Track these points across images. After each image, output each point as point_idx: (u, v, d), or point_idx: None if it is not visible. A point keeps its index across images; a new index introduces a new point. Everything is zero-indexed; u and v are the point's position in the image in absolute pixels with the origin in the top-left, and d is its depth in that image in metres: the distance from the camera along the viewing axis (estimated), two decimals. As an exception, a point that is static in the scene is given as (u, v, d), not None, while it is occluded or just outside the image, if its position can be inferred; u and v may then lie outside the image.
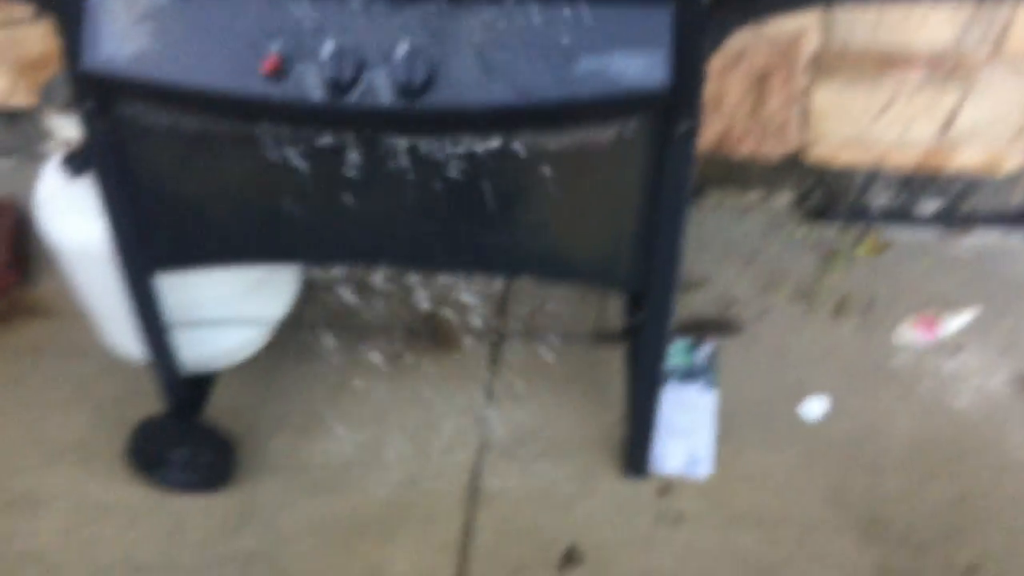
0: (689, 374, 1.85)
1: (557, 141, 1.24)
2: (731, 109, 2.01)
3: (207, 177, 1.33)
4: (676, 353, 1.88)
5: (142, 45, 1.17)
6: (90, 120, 1.27)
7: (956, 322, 1.94)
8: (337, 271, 1.92)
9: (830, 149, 2.08)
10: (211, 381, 1.74)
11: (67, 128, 1.44)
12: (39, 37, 2.05)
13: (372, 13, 1.13)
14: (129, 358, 1.71)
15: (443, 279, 1.92)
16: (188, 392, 1.66)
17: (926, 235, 2.14)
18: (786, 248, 2.12)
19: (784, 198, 2.21)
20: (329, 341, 1.90)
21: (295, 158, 1.27)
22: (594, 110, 1.18)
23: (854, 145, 2.07)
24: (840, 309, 1.98)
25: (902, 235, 2.13)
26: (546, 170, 1.26)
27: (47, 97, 1.49)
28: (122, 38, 1.17)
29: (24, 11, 1.22)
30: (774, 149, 2.08)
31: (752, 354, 1.89)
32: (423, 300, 1.95)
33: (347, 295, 1.92)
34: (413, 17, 1.13)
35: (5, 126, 2.28)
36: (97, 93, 1.24)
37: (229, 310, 1.62)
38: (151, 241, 1.40)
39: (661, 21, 1.12)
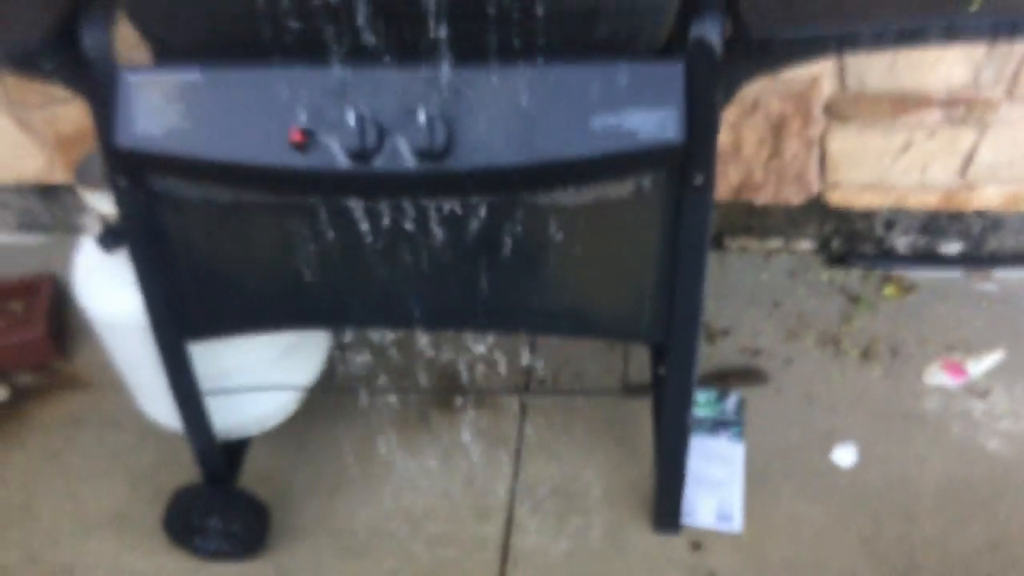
0: (717, 425, 1.85)
1: (576, 197, 1.26)
2: (749, 157, 2.04)
3: (237, 246, 1.37)
4: (703, 404, 1.88)
5: (173, 122, 1.21)
6: (123, 196, 1.32)
7: (984, 364, 1.93)
8: (365, 333, 1.95)
9: (850, 193, 2.10)
10: (244, 447, 1.76)
11: (102, 204, 1.49)
12: (76, 115, 2.12)
13: (392, 81, 1.17)
14: (165, 427, 1.74)
15: (468, 337, 1.94)
16: (222, 459, 1.68)
17: (951, 276, 2.14)
18: (810, 293, 2.12)
19: (806, 243, 2.22)
20: (359, 403, 1.93)
21: (322, 225, 1.30)
22: (611, 166, 1.21)
23: (874, 188, 2.08)
24: (867, 354, 1.98)
25: (926, 276, 2.14)
26: (566, 226, 1.29)
27: (82, 174, 1.54)
28: (153, 115, 1.21)
29: (62, 90, 1.27)
30: (794, 195, 2.10)
31: (780, 403, 1.89)
32: (450, 358, 1.97)
33: (375, 356, 1.94)
34: (431, 82, 1.16)
35: (43, 202, 2.34)
36: (130, 169, 1.28)
37: (261, 376, 1.65)
38: (184, 311, 1.43)
39: (673, 75, 1.15)
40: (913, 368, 1.94)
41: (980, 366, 1.93)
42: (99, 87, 1.22)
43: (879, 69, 1.89)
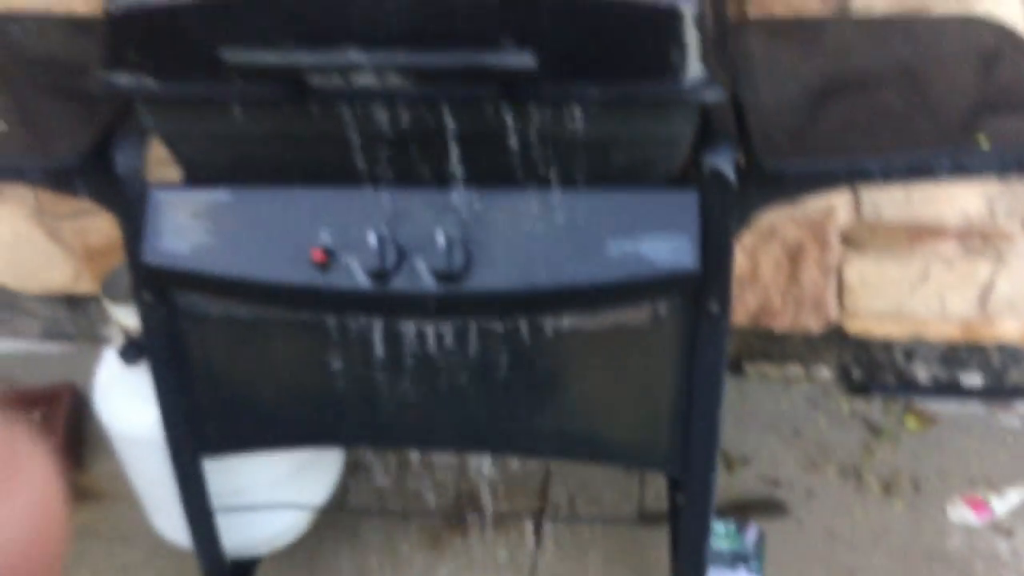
0: (735, 559, 1.81)
1: (591, 322, 1.27)
2: (766, 282, 2.05)
3: (257, 364, 1.38)
4: (722, 536, 1.84)
5: (199, 239, 1.24)
6: (147, 310, 1.34)
7: (1009, 501, 1.89)
8: (379, 452, 1.94)
9: (868, 321, 2.09)
10: (253, 567, 1.74)
11: (126, 317, 1.51)
12: (105, 227, 2.17)
13: (412, 203, 1.20)
14: (175, 544, 1.72)
15: (484, 459, 1.92)
16: (231, 577, 1.65)
17: (972, 408, 2.11)
18: (831, 423, 2.10)
19: (826, 371, 2.21)
20: (371, 523, 1.90)
21: (340, 343, 1.32)
22: (626, 293, 1.22)
23: (893, 317, 2.08)
24: (889, 487, 1.94)
25: (948, 408, 2.11)
26: (581, 351, 1.29)
27: (108, 287, 1.57)
28: (180, 233, 1.24)
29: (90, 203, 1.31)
30: (812, 322, 2.10)
31: (800, 537, 1.85)
32: (465, 481, 1.95)
33: (389, 477, 1.93)
34: (451, 206, 1.19)
35: (69, 311, 2.38)
36: (155, 285, 1.31)
37: (273, 495, 1.64)
38: (201, 427, 1.44)
39: (688, 204, 1.17)
40: (936, 503, 1.90)
41: (1005, 503, 1.88)
42: (130, 205, 1.25)
43: (895, 199, 1.91)
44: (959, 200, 1.90)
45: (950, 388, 2.16)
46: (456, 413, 1.38)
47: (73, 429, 2.08)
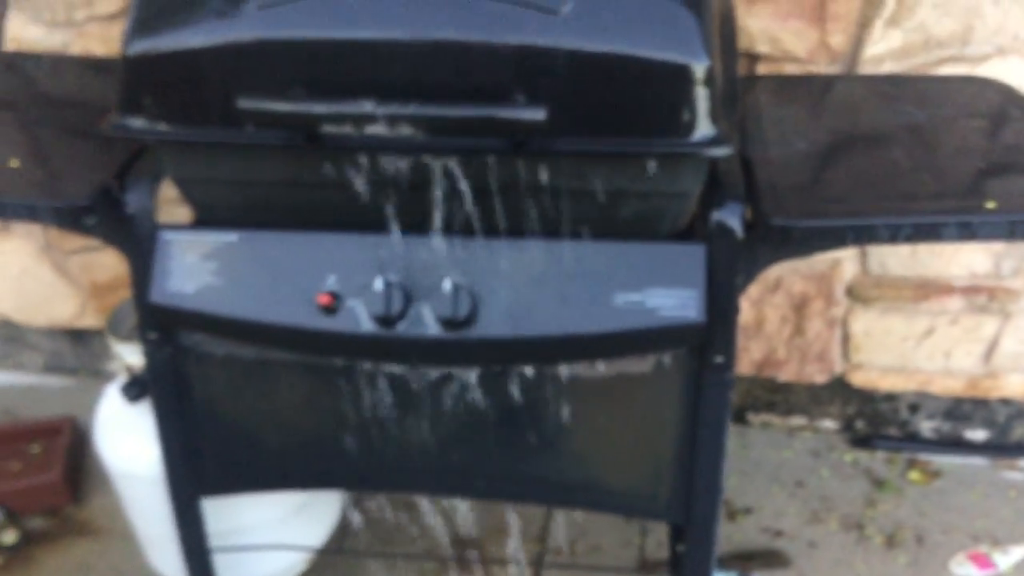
0: (736, 608, 1.79)
1: (595, 371, 1.27)
2: (771, 334, 2.05)
3: (259, 405, 1.38)
4: (722, 585, 1.83)
5: (206, 280, 1.24)
6: (152, 349, 1.34)
7: (1012, 557, 1.87)
8: (378, 496, 1.93)
9: (873, 375, 2.09)
10: (250, 606, 1.73)
11: (130, 354, 1.52)
12: (111, 263, 2.18)
13: (419, 250, 1.20)
14: (170, 581, 1.71)
15: (484, 503, 1.91)
16: (226, 618, 1.64)
17: (976, 463, 2.10)
18: (834, 474, 2.09)
19: (830, 422, 2.20)
20: (369, 565, 1.89)
21: (345, 388, 1.32)
22: (631, 343, 1.22)
23: (897, 371, 2.08)
24: (892, 540, 1.93)
25: (952, 463, 2.10)
26: (585, 399, 1.29)
27: (113, 325, 1.58)
28: (188, 274, 1.25)
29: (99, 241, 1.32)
30: (817, 374, 2.10)
31: (802, 588, 1.84)
32: (464, 526, 1.94)
33: (388, 520, 1.92)
34: (457, 253, 1.20)
35: (72, 345, 2.38)
36: (161, 324, 1.31)
37: (271, 535, 1.63)
38: (201, 466, 1.43)
39: (694, 257, 1.18)
40: (939, 558, 1.89)
41: (1008, 559, 1.87)
42: (139, 245, 1.26)
43: (901, 255, 1.92)
44: (965, 257, 1.90)
45: (954, 442, 2.15)
46: (458, 458, 1.38)
47: (72, 463, 2.08)
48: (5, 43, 1.68)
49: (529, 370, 1.27)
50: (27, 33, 1.88)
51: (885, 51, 1.72)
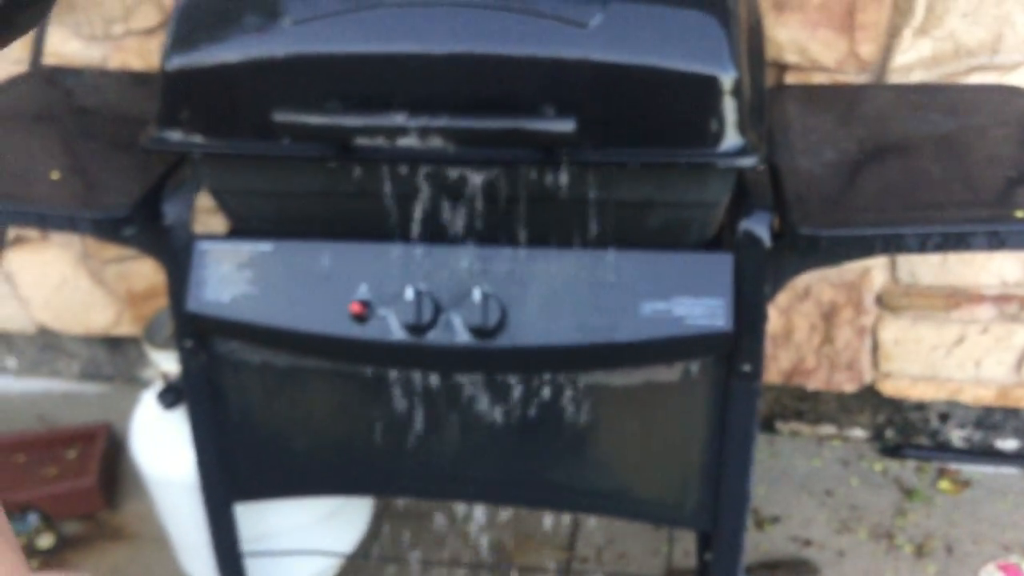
0: (765, 616, 1.79)
1: (624, 379, 1.28)
2: (800, 342, 2.05)
3: (293, 412, 1.40)
4: (751, 593, 1.83)
5: (241, 289, 1.27)
6: (188, 357, 1.37)
7: (1044, 568, 1.86)
8: (407, 501, 1.95)
9: (903, 383, 2.08)
10: (281, 610, 1.75)
11: (166, 362, 1.55)
12: (148, 272, 2.22)
13: (450, 259, 1.22)
14: (204, 586, 1.74)
15: (512, 510, 1.92)
16: (258, 622, 1.66)
17: (1007, 472, 2.09)
18: (864, 484, 2.08)
19: (859, 431, 2.19)
20: (397, 572, 1.90)
21: (375, 394, 1.34)
22: (659, 351, 1.23)
23: (927, 380, 2.07)
24: (921, 550, 1.92)
25: (983, 472, 2.09)
26: (613, 407, 1.30)
27: (149, 334, 1.61)
28: (223, 283, 1.28)
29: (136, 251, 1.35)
30: (846, 382, 2.09)
31: (831, 597, 1.84)
32: (492, 531, 1.96)
33: (416, 525, 1.93)
34: (488, 262, 1.22)
35: (108, 353, 2.42)
36: (197, 332, 1.34)
37: (302, 540, 1.65)
38: (235, 472, 1.46)
39: (722, 266, 1.19)
40: (969, 568, 1.87)
41: (1040, 571, 1.86)
42: (176, 255, 1.29)
43: (931, 263, 1.91)
44: (996, 266, 1.89)
45: (985, 452, 2.14)
46: (487, 465, 1.39)
47: (107, 469, 2.11)
48: (45, 57, 1.72)
49: (557, 378, 1.29)
50: (66, 48, 1.92)
51: (915, 60, 1.72)
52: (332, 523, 1.70)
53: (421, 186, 1.15)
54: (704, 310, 1.19)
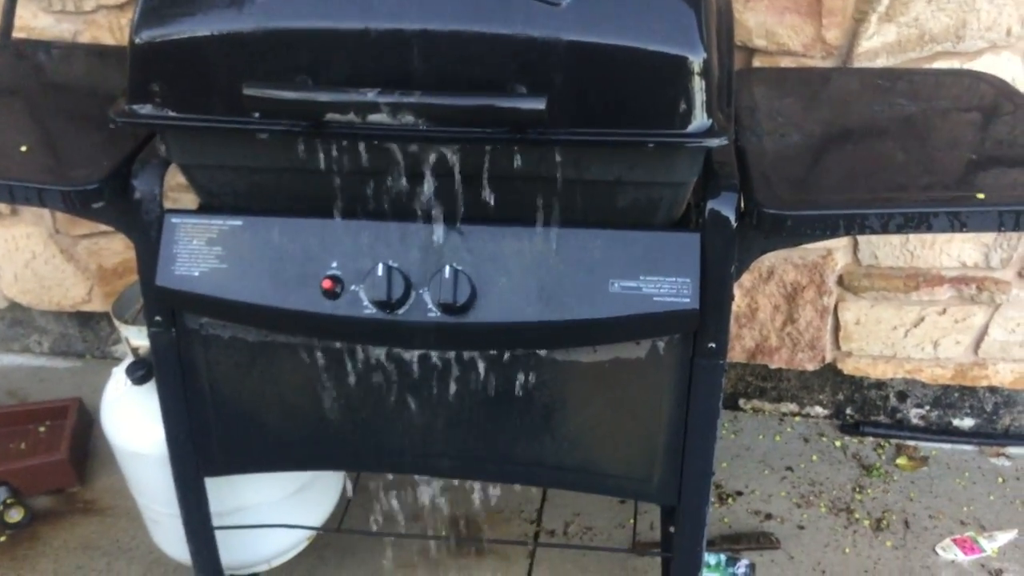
0: (727, 589, 1.83)
1: (591, 356, 1.30)
2: (764, 321, 2.08)
3: (262, 387, 1.41)
4: (713, 567, 1.87)
5: (211, 265, 1.27)
6: (157, 332, 1.37)
7: (997, 542, 1.91)
8: (378, 475, 1.96)
9: (863, 363, 2.13)
10: (251, 584, 1.76)
11: (135, 337, 1.54)
12: (118, 247, 2.21)
13: (421, 237, 1.23)
14: (173, 559, 1.74)
15: (481, 484, 1.94)
16: (228, 595, 1.68)
17: (964, 450, 2.14)
18: (823, 459, 2.13)
19: (820, 409, 2.24)
20: (368, 545, 1.92)
21: (344, 370, 1.35)
22: (626, 329, 1.25)
23: (887, 359, 2.11)
24: (879, 525, 1.97)
25: (939, 449, 2.14)
26: (580, 383, 1.32)
27: (118, 308, 1.60)
28: (193, 258, 1.28)
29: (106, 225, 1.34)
30: (808, 361, 2.13)
31: (791, 571, 1.87)
32: (461, 505, 1.98)
33: (387, 499, 1.95)
34: (457, 240, 1.23)
35: (79, 328, 2.41)
36: (166, 307, 1.34)
37: (273, 514, 1.66)
38: (205, 446, 1.47)
39: (689, 245, 1.21)
40: (926, 542, 1.93)
41: (993, 544, 1.91)
42: (145, 229, 1.29)
43: (892, 245, 1.95)
44: (956, 248, 1.93)
45: (942, 430, 2.19)
46: (456, 440, 1.41)
47: (78, 444, 2.11)
48: (15, 32, 1.70)
49: (526, 354, 1.31)
50: (37, 22, 1.90)
51: (880, 45, 1.75)
52: (303, 498, 1.71)
53: (392, 163, 1.16)
54: (671, 288, 1.21)
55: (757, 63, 1.80)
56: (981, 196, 1.16)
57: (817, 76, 1.62)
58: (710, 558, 1.88)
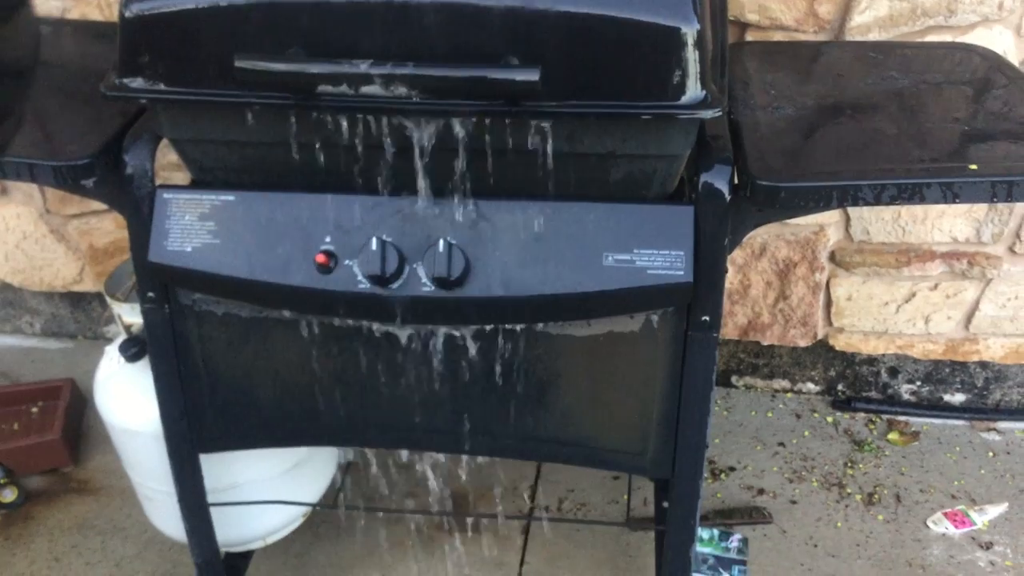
0: (720, 564, 1.84)
1: (586, 329, 1.31)
2: (756, 298, 2.09)
3: (255, 363, 1.41)
4: (706, 542, 1.88)
5: (204, 240, 1.27)
6: (150, 308, 1.37)
7: (988, 515, 1.93)
8: (373, 452, 1.97)
9: (855, 339, 2.13)
10: (246, 560, 1.77)
11: (128, 314, 1.54)
12: (109, 227, 2.20)
13: (414, 211, 1.23)
14: (169, 537, 1.74)
15: (475, 459, 1.95)
16: (224, 571, 1.68)
17: (955, 425, 2.16)
18: (815, 435, 2.14)
19: (812, 385, 2.25)
20: (363, 521, 1.93)
21: (339, 345, 1.35)
22: (620, 302, 1.25)
23: (878, 335, 2.12)
24: (871, 499, 1.98)
25: (930, 424, 2.15)
26: (575, 357, 1.33)
27: (111, 285, 1.60)
28: (186, 233, 1.27)
29: (97, 203, 1.33)
30: (800, 337, 2.14)
31: (784, 545, 1.89)
32: (455, 481, 1.98)
33: (382, 476, 1.96)
34: (452, 214, 1.23)
35: (70, 309, 2.41)
36: (159, 283, 1.34)
37: (268, 491, 1.66)
38: (200, 423, 1.47)
39: (683, 218, 1.21)
40: (917, 515, 1.94)
41: (984, 517, 1.92)
42: (137, 205, 1.28)
43: (884, 220, 1.95)
44: (947, 223, 1.94)
45: (933, 405, 2.20)
46: (450, 415, 1.41)
47: (71, 423, 2.11)
48: (0, 7, 1.69)
49: (520, 328, 1.31)
50: (22, -3, 1.89)
51: (872, 20, 1.75)
52: (298, 474, 1.71)
53: (385, 136, 1.16)
54: (665, 261, 1.21)
55: (750, 37, 1.80)
56: (974, 167, 1.16)
57: (810, 50, 1.61)
58: (703, 532, 1.89)
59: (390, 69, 1.06)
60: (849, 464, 2.06)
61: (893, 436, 2.13)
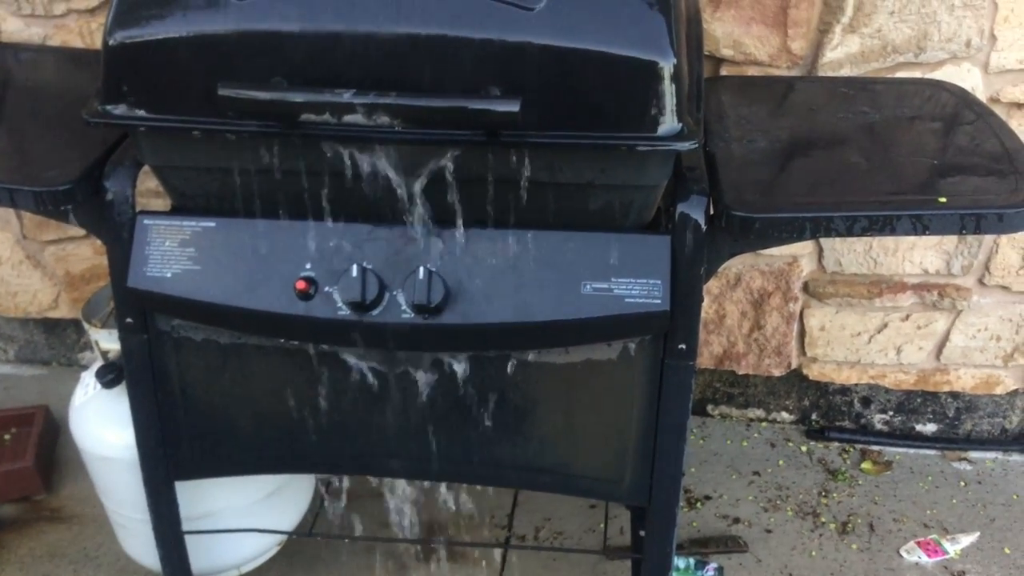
0: (696, 591, 1.85)
1: (563, 357, 1.32)
2: (731, 328, 2.11)
3: (233, 389, 1.41)
4: (682, 571, 1.88)
5: (184, 266, 1.27)
6: (128, 334, 1.37)
7: (960, 544, 1.95)
8: (349, 479, 1.96)
9: (828, 368, 2.16)
10: (221, 590, 1.75)
11: (106, 341, 1.54)
12: (86, 253, 2.19)
13: (395, 239, 1.24)
14: (142, 566, 1.73)
15: (452, 487, 1.95)
16: (198, 601, 1.66)
17: (927, 454, 2.18)
18: (790, 464, 2.15)
19: (786, 415, 2.27)
20: (339, 549, 1.92)
21: (319, 373, 1.35)
22: (598, 330, 1.26)
23: (851, 365, 2.14)
24: (845, 528, 1.99)
25: (903, 454, 2.18)
26: (552, 385, 1.34)
27: (89, 312, 1.59)
28: (166, 260, 1.28)
29: (75, 229, 1.33)
30: (775, 367, 2.16)
31: (758, 574, 1.89)
32: (433, 509, 1.98)
33: (358, 503, 1.95)
34: (431, 242, 1.24)
35: (45, 336, 2.39)
36: (138, 309, 1.33)
37: (243, 519, 1.65)
38: (176, 450, 1.46)
39: (660, 248, 1.23)
40: (890, 544, 1.96)
41: (956, 546, 1.94)
42: (117, 231, 1.29)
43: (856, 252, 1.98)
44: (918, 255, 1.97)
45: (905, 435, 2.23)
46: (428, 442, 1.41)
47: (44, 451, 2.09)
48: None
49: (499, 356, 1.32)
50: (6, 26, 1.90)
51: (844, 56, 1.79)
52: (273, 502, 1.71)
53: (366, 165, 1.17)
54: (642, 290, 1.22)
55: (725, 72, 1.83)
56: (943, 200, 1.19)
57: (783, 84, 1.65)
58: (679, 561, 1.90)
59: (372, 99, 1.08)
60: (823, 493, 2.08)
61: (866, 465, 2.15)
